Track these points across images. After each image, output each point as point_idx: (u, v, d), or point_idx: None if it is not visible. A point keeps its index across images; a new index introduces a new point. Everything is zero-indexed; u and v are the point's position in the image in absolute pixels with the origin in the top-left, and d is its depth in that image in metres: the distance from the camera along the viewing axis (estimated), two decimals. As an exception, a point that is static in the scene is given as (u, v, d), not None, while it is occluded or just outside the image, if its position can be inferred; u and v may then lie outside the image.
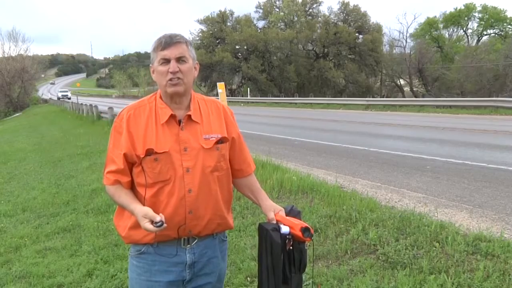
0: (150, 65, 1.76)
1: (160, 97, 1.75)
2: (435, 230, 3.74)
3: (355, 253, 3.64)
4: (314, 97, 35.09)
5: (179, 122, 1.72)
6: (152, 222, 1.56)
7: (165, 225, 1.56)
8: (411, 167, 7.34)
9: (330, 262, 3.56)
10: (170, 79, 1.67)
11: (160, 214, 1.58)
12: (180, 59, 1.68)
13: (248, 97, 40.87)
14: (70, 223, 5.36)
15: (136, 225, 1.70)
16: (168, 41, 1.68)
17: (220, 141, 1.76)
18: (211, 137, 1.74)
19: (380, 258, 3.44)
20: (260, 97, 42.12)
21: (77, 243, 4.65)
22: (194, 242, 1.75)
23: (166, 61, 1.67)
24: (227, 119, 1.84)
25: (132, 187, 1.75)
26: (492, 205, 4.99)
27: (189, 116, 1.73)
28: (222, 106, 1.86)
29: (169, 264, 1.73)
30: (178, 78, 1.67)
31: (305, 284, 3.14)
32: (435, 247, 3.46)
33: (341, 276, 3.25)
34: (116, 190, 1.72)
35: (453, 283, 2.96)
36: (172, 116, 1.71)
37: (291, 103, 32.22)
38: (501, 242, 3.45)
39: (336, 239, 3.89)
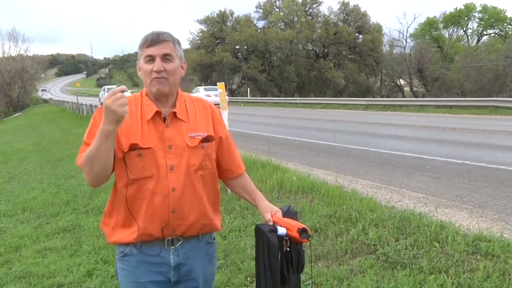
0: (137, 62, 1.72)
1: (147, 94, 1.71)
2: (435, 230, 3.74)
3: (355, 253, 3.63)
4: (314, 97, 35.11)
5: (164, 119, 1.68)
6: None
7: (125, 88, 1.49)
8: (411, 167, 7.33)
9: (330, 262, 3.56)
10: (155, 78, 1.64)
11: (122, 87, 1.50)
12: (165, 58, 1.64)
13: (248, 97, 40.88)
14: (70, 223, 5.36)
15: (120, 224, 1.69)
16: (154, 39, 1.64)
17: (206, 139, 1.73)
18: (197, 135, 1.71)
19: (380, 258, 3.44)
20: (260, 97, 42.14)
21: (77, 243, 4.65)
22: (179, 244, 1.71)
23: (152, 59, 1.64)
24: (215, 118, 1.80)
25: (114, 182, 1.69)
26: (492, 205, 4.98)
27: (174, 113, 1.69)
28: (209, 105, 1.83)
29: (153, 266, 1.70)
30: (163, 77, 1.64)
31: (305, 284, 3.14)
32: (435, 247, 3.46)
33: (341, 276, 3.25)
34: (86, 152, 1.59)
35: (453, 283, 2.96)
36: (157, 113, 1.67)
37: (291, 103, 32.23)
38: (501, 242, 3.45)
39: (336, 239, 3.88)
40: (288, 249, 1.72)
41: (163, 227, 1.66)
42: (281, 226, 1.72)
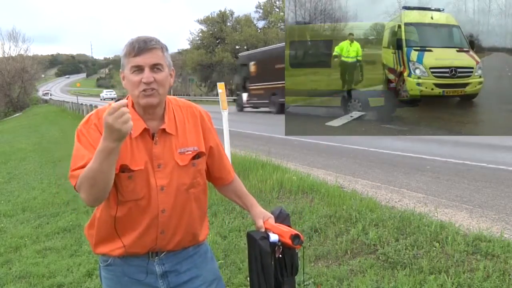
0: (120, 70, 1.59)
1: (133, 106, 1.58)
2: (435, 230, 3.74)
3: (355, 253, 3.63)
4: (314, 97, 35.00)
5: (153, 135, 1.58)
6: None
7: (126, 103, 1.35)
8: (411, 167, 7.33)
9: (330, 262, 3.56)
10: (144, 90, 1.51)
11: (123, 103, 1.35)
12: (154, 67, 1.51)
13: (248, 97, 40.78)
14: (70, 223, 5.37)
15: (104, 239, 1.63)
16: (142, 47, 1.50)
17: (197, 155, 1.65)
18: (187, 151, 1.62)
19: (380, 258, 3.44)
20: (260, 97, 42.05)
21: (77, 243, 4.66)
22: (163, 254, 1.67)
23: (139, 69, 1.50)
24: (205, 126, 1.71)
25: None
26: (492, 205, 4.98)
27: (163, 129, 1.59)
28: (199, 112, 1.72)
29: (139, 275, 1.65)
30: (153, 89, 1.51)
31: (305, 284, 3.14)
32: (435, 247, 3.46)
33: (341, 276, 3.25)
34: (83, 172, 1.44)
35: (453, 283, 2.96)
36: (145, 130, 1.57)
37: (291, 103, 32.15)
38: (501, 242, 3.45)
39: (336, 239, 3.88)
40: (281, 255, 1.70)
41: (149, 248, 1.63)
42: (273, 232, 1.70)
